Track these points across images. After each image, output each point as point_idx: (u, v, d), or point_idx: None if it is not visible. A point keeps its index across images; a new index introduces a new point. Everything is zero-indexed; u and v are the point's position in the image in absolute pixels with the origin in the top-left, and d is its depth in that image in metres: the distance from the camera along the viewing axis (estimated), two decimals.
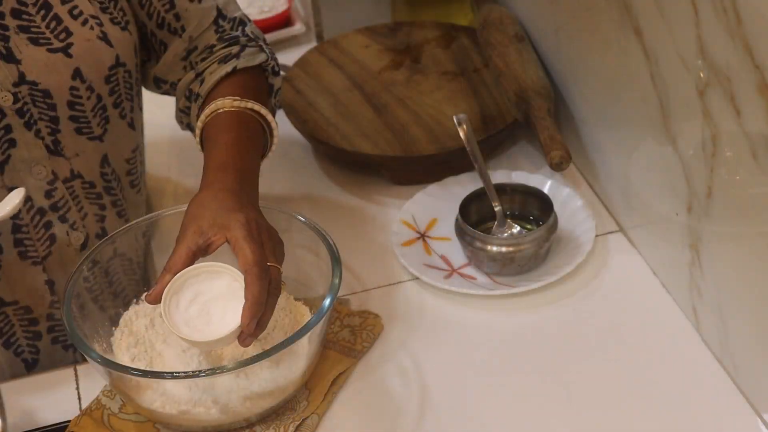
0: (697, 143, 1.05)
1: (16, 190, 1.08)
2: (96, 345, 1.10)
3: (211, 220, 1.06)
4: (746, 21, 0.91)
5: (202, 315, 1.04)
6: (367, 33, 1.65)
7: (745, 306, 1.05)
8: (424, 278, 1.24)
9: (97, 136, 1.20)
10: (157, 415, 1.07)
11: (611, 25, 1.19)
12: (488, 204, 1.29)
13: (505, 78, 1.43)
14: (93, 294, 1.15)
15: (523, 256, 1.23)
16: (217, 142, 1.16)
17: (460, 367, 1.15)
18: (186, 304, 1.04)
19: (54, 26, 1.14)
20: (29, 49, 1.13)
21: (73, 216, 1.21)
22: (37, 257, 1.19)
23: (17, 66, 1.12)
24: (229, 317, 1.03)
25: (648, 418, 1.07)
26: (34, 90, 1.13)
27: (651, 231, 1.23)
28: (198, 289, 1.05)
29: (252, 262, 1.02)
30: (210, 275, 1.06)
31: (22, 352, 1.24)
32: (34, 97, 1.14)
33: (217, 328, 1.03)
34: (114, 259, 1.19)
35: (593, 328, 1.18)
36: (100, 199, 1.23)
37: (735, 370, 1.09)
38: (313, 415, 1.10)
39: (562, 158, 1.28)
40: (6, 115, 1.13)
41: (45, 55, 1.14)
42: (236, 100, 1.18)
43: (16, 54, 1.12)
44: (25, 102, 1.13)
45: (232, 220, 1.05)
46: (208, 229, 1.05)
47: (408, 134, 1.44)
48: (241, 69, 1.23)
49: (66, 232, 1.20)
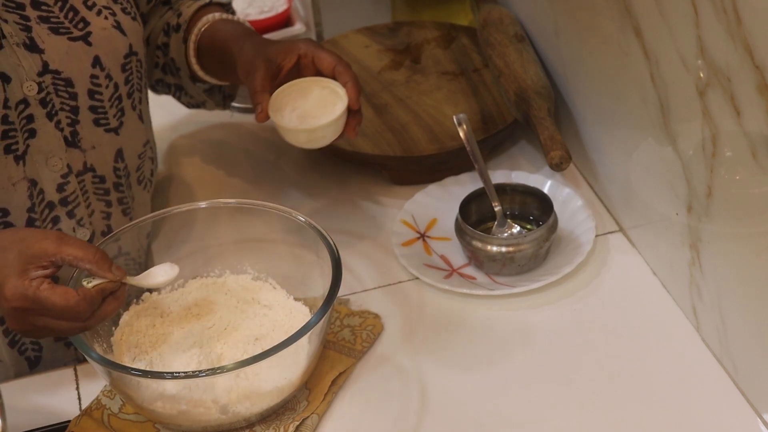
0: (697, 143, 1.05)
1: (170, 265, 1.08)
2: (96, 345, 1.10)
3: (274, 50, 1.21)
4: (746, 21, 0.91)
5: (306, 120, 1.19)
6: (367, 33, 1.65)
7: (745, 306, 1.05)
8: (424, 278, 1.24)
9: (113, 128, 1.21)
10: (157, 416, 1.07)
11: (611, 26, 1.19)
12: (488, 204, 1.29)
13: (505, 78, 1.43)
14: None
15: (523, 256, 1.23)
16: (226, 29, 1.29)
17: (459, 367, 1.15)
18: (288, 116, 1.20)
19: (72, 17, 1.17)
20: (51, 38, 1.15)
21: (81, 212, 1.21)
22: None
23: (41, 56, 1.14)
24: (329, 113, 1.19)
25: (648, 418, 1.07)
26: (57, 79, 1.15)
27: (651, 231, 1.23)
28: (293, 105, 1.20)
29: (336, 58, 1.21)
30: (300, 91, 1.21)
31: (26, 350, 1.24)
32: (57, 86, 1.15)
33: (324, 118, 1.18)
34: (118, 258, 1.19)
35: (593, 328, 1.18)
36: (107, 195, 1.24)
37: (735, 370, 1.09)
38: (313, 415, 1.10)
39: (562, 158, 1.29)
40: (30, 104, 1.14)
41: (66, 44, 1.16)
42: (223, 14, 1.31)
43: (39, 44, 1.14)
44: (48, 92, 1.15)
45: (294, 44, 1.22)
46: (275, 57, 1.20)
47: (408, 134, 1.44)
48: (215, 3, 1.35)
49: (72, 228, 1.21)
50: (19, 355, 1.24)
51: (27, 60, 1.13)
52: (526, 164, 1.43)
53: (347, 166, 1.45)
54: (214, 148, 1.54)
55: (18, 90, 1.13)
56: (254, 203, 1.21)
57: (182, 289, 1.20)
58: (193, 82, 1.34)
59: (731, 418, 1.07)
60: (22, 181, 1.15)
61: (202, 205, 1.22)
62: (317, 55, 1.21)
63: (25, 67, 1.13)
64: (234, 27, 1.30)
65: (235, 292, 1.19)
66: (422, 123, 1.45)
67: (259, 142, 1.53)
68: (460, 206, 1.27)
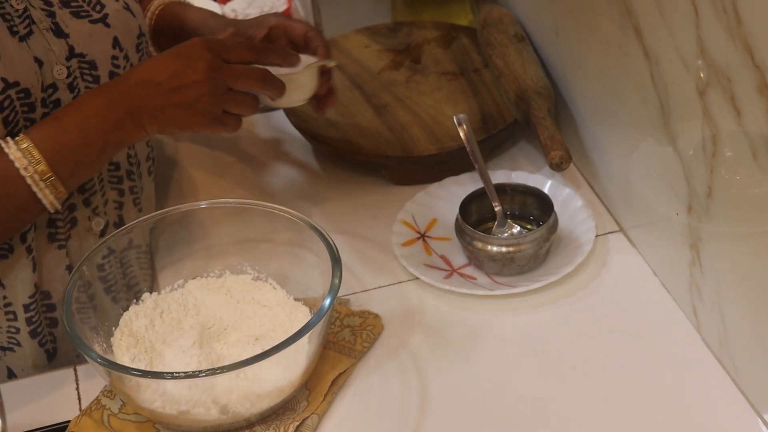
0: (697, 143, 1.05)
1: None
2: (96, 345, 1.10)
3: (245, 23, 1.30)
4: (746, 21, 0.91)
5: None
6: (367, 33, 1.65)
7: (745, 306, 1.05)
8: (424, 278, 1.24)
9: None
10: (157, 416, 1.07)
11: (611, 26, 1.19)
12: (488, 204, 1.29)
13: (505, 78, 1.43)
14: (107, 284, 1.16)
15: (524, 256, 1.23)
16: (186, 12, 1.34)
17: (460, 368, 1.15)
18: None
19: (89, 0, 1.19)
20: (74, 22, 1.16)
21: (97, 200, 1.22)
22: (63, 240, 1.20)
23: (66, 40, 1.15)
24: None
25: (648, 418, 1.07)
26: (82, 63, 1.16)
27: (651, 231, 1.23)
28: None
29: (306, 25, 1.29)
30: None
31: (45, 342, 1.24)
32: (82, 70, 1.16)
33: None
34: (129, 250, 1.20)
35: (593, 328, 1.18)
36: (120, 183, 1.24)
37: (735, 370, 1.09)
38: (313, 415, 1.10)
39: (562, 158, 1.29)
40: (58, 89, 1.15)
41: (88, 27, 1.17)
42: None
43: (63, 28, 1.15)
44: (75, 76, 1.16)
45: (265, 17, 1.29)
46: (246, 29, 1.28)
47: (408, 134, 1.44)
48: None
49: (88, 217, 1.21)
50: (39, 347, 1.24)
51: (56, 44, 1.14)
52: (526, 164, 1.42)
53: (347, 166, 1.45)
54: (214, 148, 1.54)
55: (49, 74, 1.14)
56: (254, 203, 1.21)
57: (182, 289, 1.20)
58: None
59: (731, 418, 1.07)
60: None
61: (202, 205, 1.22)
62: (288, 25, 1.27)
63: (55, 52, 1.14)
64: (196, 10, 1.35)
65: (235, 292, 1.19)
66: (422, 123, 1.45)
67: (258, 142, 1.53)
68: (460, 206, 1.27)
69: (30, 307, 1.20)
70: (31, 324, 1.21)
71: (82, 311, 1.12)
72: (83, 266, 1.12)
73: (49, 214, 1.17)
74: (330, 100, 1.31)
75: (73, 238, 1.21)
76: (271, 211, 1.19)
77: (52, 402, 1.16)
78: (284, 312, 1.16)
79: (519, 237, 1.24)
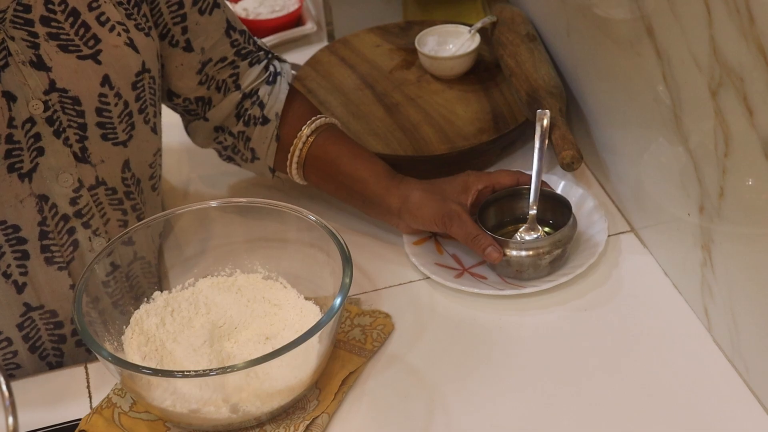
0: (709, 143, 1.05)
1: None
2: (107, 343, 1.11)
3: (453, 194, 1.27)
4: (759, 21, 0.91)
5: None
6: (378, 32, 1.65)
7: (757, 307, 1.04)
8: (435, 277, 1.24)
9: (121, 141, 1.20)
10: (167, 414, 1.07)
11: (623, 26, 1.18)
12: (507, 207, 1.28)
13: (516, 78, 1.43)
14: (110, 290, 1.16)
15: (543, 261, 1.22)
16: (363, 154, 1.32)
17: (470, 367, 1.15)
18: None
19: (83, 33, 1.14)
20: (59, 56, 1.13)
21: (96, 222, 1.21)
22: (62, 262, 1.19)
23: (48, 74, 1.12)
24: None
25: (659, 419, 1.07)
26: (64, 97, 1.14)
27: (663, 231, 1.23)
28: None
29: (513, 174, 1.29)
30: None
31: (47, 356, 1.24)
32: (63, 104, 1.14)
33: None
34: (134, 263, 1.19)
35: (604, 329, 1.18)
36: (121, 204, 1.23)
37: (746, 371, 1.09)
38: (323, 414, 1.10)
39: (573, 158, 1.28)
40: (36, 123, 1.13)
41: (75, 62, 1.14)
42: (322, 118, 1.32)
43: (46, 61, 1.12)
44: (55, 110, 1.13)
45: (464, 181, 1.28)
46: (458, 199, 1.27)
47: (419, 134, 1.43)
48: (299, 93, 1.36)
49: (88, 238, 1.20)
50: (41, 360, 1.24)
51: (33, 78, 1.12)
52: None
53: None
54: None
55: (24, 109, 1.12)
56: (265, 202, 1.21)
57: (193, 288, 1.20)
58: (271, 172, 1.34)
59: (743, 419, 1.06)
60: (30, 198, 1.14)
61: (213, 204, 1.22)
62: (497, 182, 1.27)
63: (30, 86, 1.11)
64: (356, 153, 1.31)
65: (246, 291, 1.19)
66: (433, 122, 1.45)
67: None
68: (479, 209, 1.26)
69: (24, 325, 1.20)
70: (29, 340, 1.22)
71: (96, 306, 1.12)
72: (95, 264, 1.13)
73: (44, 239, 1.17)
74: None
75: (76, 260, 1.21)
76: (282, 210, 1.19)
77: (63, 400, 1.16)
78: (295, 311, 1.16)
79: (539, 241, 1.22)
